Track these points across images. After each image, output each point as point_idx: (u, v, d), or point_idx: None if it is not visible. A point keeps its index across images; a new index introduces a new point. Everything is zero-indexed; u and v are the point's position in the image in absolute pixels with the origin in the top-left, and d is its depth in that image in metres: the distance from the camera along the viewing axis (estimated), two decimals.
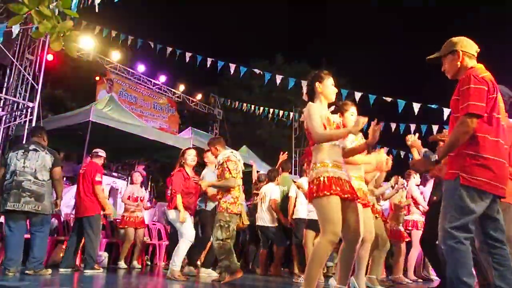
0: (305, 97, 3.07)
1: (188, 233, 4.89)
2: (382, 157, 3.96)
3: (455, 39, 2.69)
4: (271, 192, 6.23)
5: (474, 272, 2.39)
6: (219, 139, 5.16)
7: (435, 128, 10.83)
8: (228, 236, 4.46)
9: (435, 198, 4.49)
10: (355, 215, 2.79)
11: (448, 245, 2.41)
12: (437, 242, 4.49)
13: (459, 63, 2.62)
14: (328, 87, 2.99)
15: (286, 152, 7.26)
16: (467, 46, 2.64)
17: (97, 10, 5.10)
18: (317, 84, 2.99)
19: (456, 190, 2.43)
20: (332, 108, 3.29)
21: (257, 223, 6.25)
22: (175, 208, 4.93)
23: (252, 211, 6.76)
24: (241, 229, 5.55)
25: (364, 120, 2.82)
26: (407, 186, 6.09)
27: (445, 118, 9.69)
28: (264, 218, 6.19)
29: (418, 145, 4.06)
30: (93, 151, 5.83)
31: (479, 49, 2.66)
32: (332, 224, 2.62)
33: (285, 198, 6.19)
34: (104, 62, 13.15)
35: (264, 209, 6.21)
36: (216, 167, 4.83)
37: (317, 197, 2.69)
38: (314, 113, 2.81)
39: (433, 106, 10.09)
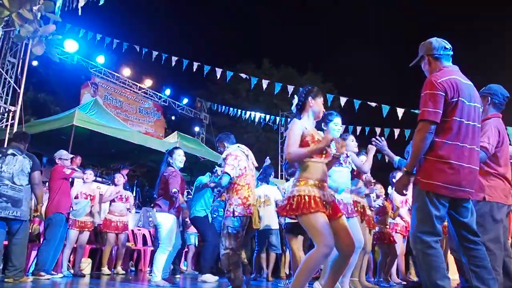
0: (293, 109, 3.04)
1: (169, 241, 4.70)
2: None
3: (422, 44, 2.74)
4: (274, 194, 6.15)
5: (447, 274, 2.40)
6: (227, 135, 4.61)
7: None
8: (238, 245, 3.96)
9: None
10: (345, 230, 2.77)
11: (419, 250, 2.43)
12: None
13: (429, 67, 2.67)
14: (319, 105, 2.99)
15: (268, 157, 7.18)
16: (431, 48, 2.65)
17: (80, 13, 5.05)
18: (310, 99, 2.97)
19: (419, 196, 2.47)
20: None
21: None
22: (170, 210, 4.72)
23: None
24: (251, 233, 5.12)
25: (331, 137, 2.77)
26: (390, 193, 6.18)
27: None
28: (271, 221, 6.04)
29: (387, 151, 4.04)
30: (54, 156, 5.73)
31: (449, 46, 2.65)
32: (324, 237, 2.58)
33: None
34: (88, 66, 13.02)
35: (269, 211, 6.01)
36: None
37: (302, 215, 2.65)
38: (294, 131, 2.79)
39: (416, 111, 10.22)
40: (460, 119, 2.46)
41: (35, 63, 10.85)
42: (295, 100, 3.05)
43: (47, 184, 6.24)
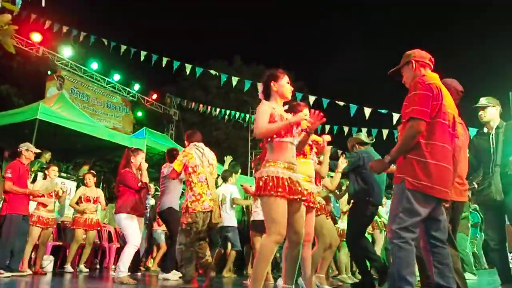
0: (260, 96, 3.04)
1: (134, 238, 4.70)
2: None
3: (409, 51, 2.86)
4: (231, 192, 6.25)
5: (416, 272, 2.51)
6: (191, 133, 4.71)
7: (385, 132, 11.29)
8: (192, 241, 4.14)
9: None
10: (299, 217, 2.83)
11: (395, 244, 2.51)
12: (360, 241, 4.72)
13: (413, 72, 2.77)
14: (283, 86, 2.99)
15: (230, 156, 7.21)
16: (420, 56, 2.80)
17: (43, 5, 4.88)
18: (272, 83, 2.98)
19: (403, 194, 2.55)
20: (286, 107, 3.30)
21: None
22: (127, 211, 4.72)
23: None
24: (213, 228, 5.10)
25: (303, 114, 2.86)
26: None
27: (394, 122, 10.11)
28: (226, 218, 6.10)
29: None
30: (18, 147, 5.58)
31: (432, 58, 2.82)
32: (277, 224, 2.64)
33: None
34: (54, 58, 12.63)
35: (226, 209, 6.13)
36: None
37: (264, 195, 2.70)
38: (263, 110, 2.82)
39: (383, 111, 10.50)
40: (443, 121, 2.58)
41: None
42: (260, 87, 3.09)
43: None
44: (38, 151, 5.72)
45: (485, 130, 3.99)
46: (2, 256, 4.99)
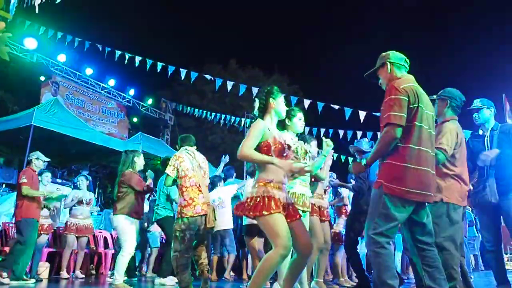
0: (255, 112, 3.00)
1: (129, 245, 4.63)
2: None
3: (384, 53, 2.85)
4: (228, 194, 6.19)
5: (397, 275, 2.49)
6: (185, 137, 4.66)
7: (380, 134, 11.31)
8: (186, 247, 4.07)
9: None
10: (301, 229, 2.80)
11: (372, 251, 2.52)
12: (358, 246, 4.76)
13: (389, 74, 2.76)
14: (281, 104, 2.98)
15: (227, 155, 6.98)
16: (395, 57, 2.78)
17: (37, 11, 4.88)
18: (271, 100, 2.95)
19: (380, 198, 2.54)
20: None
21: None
22: (127, 214, 4.66)
23: None
24: (208, 232, 5.01)
25: (294, 168, 2.73)
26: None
27: None
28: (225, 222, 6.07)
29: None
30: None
31: (407, 60, 2.81)
32: (281, 238, 2.59)
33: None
34: (49, 64, 12.60)
35: (224, 212, 6.06)
36: None
37: (260, 216, 2.65)
38: (254, 132, 2.77)
39: (377, 114, 10.52)
40: (420, 124, 2.55)
41: None
42: (257, 103, 3.05)
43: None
44: (47, 159, 5.78)
45: (480, 132, 4.02)
46: (26, 262, 5.07)
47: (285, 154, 2.84)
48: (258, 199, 2.68)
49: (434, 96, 3.39)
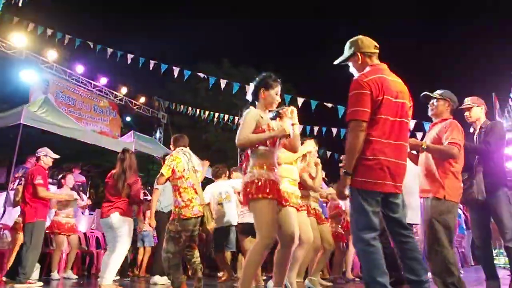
0: (249, 97, 3.04)
1: (123, 246, 4.55)
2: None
3: (351, 41, 2.76)
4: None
5: (386, 271, 2.45)
6: (178, 137, 4.66)
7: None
8: (180, 248, 4.09)
9: None
10: (289, 219, 2.82)
11: (359, 249, 2.50)
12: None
13: (360, 64, 2.70)
14: (271, 96, 2.97)
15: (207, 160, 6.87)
16: (364, 46, 2.70)
17: (20, 4, 4.78)
18: (262, 90, 2.96)
19: (353, 194, 2.53)
20: (271, 114, 3.27)
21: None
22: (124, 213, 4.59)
23: None
24: (205, 234, 4.89)
25: (287, 130, 2.82)
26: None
27: None
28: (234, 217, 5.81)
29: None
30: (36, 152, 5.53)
31: (377, 45, 2.72)
32: (267, 228, 2.64)
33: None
34: (39, 62, 12.42)
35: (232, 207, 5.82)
36: None
37: (253, 200, 2.68)
38: (249, 120, 2.81)
39: None
40: (385, 116, 2.51)
41: None
42: (251, 88, 3.06)
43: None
44: (57, 156, 5.64)
45: (471, 130, 4.04)
46: (32, 265, 4.94)
47: (279, 140, 2.89)
48: (256, 182, 2.71)
49: (437, 95, 3.43)
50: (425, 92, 3.49)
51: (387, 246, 2.75)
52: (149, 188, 10.67)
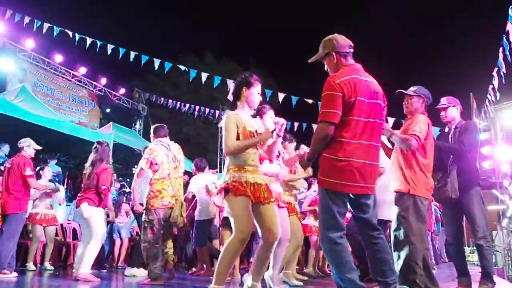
0: (230, 97, 3.09)
1: (99, 233, 4.64)
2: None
3: (326, 40, 2.73)
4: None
5: (354, 266, 2.50)
6: (158, 127, 4.65)
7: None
8: (156, 237, 4.14)
9: None
10: (271, 217, 2.85)
11: (326, 248, 2.52)
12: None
13: (334, 63, 2.69)
14: (254, 94, 2.99)
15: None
16: (339, 45, 2.67)
17: None
18: (244, 89, 2.98)
19: (321, 194, 2.57)
20: (253, 112, 3.31)
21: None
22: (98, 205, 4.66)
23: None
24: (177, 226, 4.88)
25: (270, 131, 2.89)
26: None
27: None
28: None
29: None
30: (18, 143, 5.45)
31: (351, 43, 2.71)
32: (241, 222, 2.69)
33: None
34: (16, 50, 12.12)
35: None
36: None
37: (228, 198, 2.76)
38: (229, 126, 2.85)
39: None
40: (358, 118, 2.51)
41: None
42: (231, 89, 3.10)
43: None
44: (39, 148, 5.58)
45: (446, 129, 4.13)
46: (6, 256, 4.85)
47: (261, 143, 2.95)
48: (236, 182, 2.77)
49: (411, 92, 3.46)
50: (399, 90, 3.50)
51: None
52: (128, 180, 10.61)
